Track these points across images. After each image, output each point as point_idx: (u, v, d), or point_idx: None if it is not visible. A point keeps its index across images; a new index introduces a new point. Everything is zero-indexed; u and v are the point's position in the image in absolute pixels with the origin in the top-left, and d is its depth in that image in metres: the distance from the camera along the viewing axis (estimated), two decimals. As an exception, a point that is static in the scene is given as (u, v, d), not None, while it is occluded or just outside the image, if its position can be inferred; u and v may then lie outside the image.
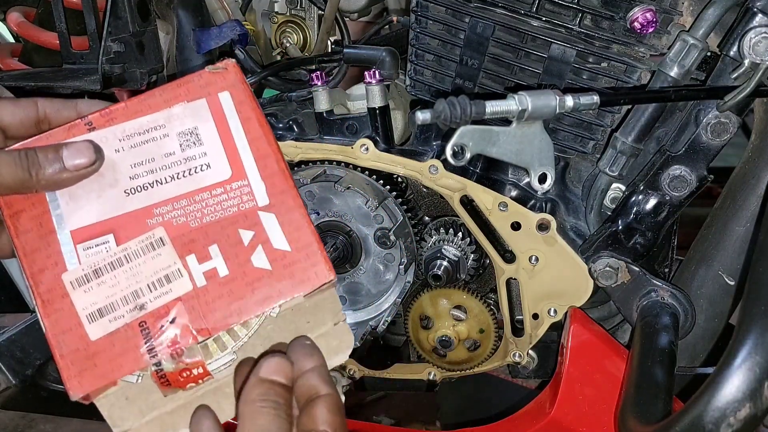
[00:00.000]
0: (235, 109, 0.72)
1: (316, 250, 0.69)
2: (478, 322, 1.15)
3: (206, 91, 0.73)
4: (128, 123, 0.71)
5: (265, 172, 0.71)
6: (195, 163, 0.71)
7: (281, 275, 0.68)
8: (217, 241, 0.68)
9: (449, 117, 0.89)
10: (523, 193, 1.09)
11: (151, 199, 0.69)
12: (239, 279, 0.67)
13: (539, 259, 1.05)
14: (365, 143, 1.07)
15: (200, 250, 0.68)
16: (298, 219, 0.70)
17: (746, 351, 0.71)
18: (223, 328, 0.67)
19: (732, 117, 0.95)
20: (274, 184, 0.70)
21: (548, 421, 1.06)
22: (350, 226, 1.10)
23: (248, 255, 0.68)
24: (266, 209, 0.70)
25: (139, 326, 0.66)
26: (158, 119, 0.72)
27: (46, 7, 1.41)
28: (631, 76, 1.00)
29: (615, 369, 1.01)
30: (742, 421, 0.71)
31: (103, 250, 0.67)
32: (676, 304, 1.00)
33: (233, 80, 0.73)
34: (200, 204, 0.69)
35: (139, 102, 0.72)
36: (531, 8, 0.99)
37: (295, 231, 0.69)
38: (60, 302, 0.66)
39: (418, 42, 1.08)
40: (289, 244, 0.69)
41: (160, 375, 0.66)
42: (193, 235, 0.68)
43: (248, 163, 0.71)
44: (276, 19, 1.46)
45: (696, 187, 0.99)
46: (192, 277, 0.67)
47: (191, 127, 0.71)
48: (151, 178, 0.70)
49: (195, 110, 0.72)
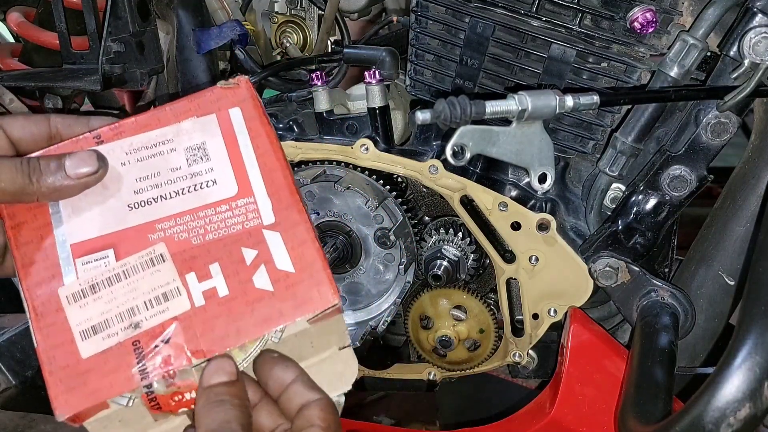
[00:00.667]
0: (245, 125, 0.71)
1: (320, 270, 0.66)
2: (478, 322, 1.15)
3: (217, 107, 0.72)
4: (136, 137, 0.70)
5: (271, 188, 0.69)
6: (201, 178, 0.69)
7: (283, 296, 0.65)
8: (218, 260, 0.66)
9: (449, 117, 0.89)
10: (523, 193, 1.09)
11: (155, 214, 0.68)
12: (239, 299, 0.65)
13: (539, 259, 1.05)
14: (365, 143, 1.07)
15: (201, 268, 0.66)
16: (304, 238, 0.68)
17: (746, 351, 0.71)
18: (220, 350, 0.64)
19: (732, 117, 0.95)
20: (280, 200, 0.69)
21: (548, 421, 1.06)
22: (350, 226, 1.10)
23: (250, 275, 0.66)
24: (271, 227, 0.68)
25: (132, 345, 0.63)
26: (167, 134, 0.71)
27: (46, 7, 1.41)
28: (631, 76, 1.00)
29: (615, 369, 1.01)
30: (742, 421, 0.71)
31: (102, 265, 0.66)
32: (676, 304, 1.00)
33: (244, 96, 0.72)
34: (204, 221, 0.68)
35: (149, 117, 0.71)
36: (531, 8, 0.99)
37: (300, 249, 0.67)
38: (54, 316, 0.65)
39: (418, 42, 1.08)
40: (293, 265, 0.66)
41: (150, 398, 0.64)
42: (194, 252, 0.67)
43: (255, 180, 0.69)
44: (276, 19, 1.46)
45: (696, 187, 0.99)
46: (191, 295, 0.65)
47: (199, 143, 0.70)
48: (156, 193, 0.68)
49: (204, 125, 0.71)
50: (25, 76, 1.22)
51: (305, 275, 0.66)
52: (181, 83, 1.24)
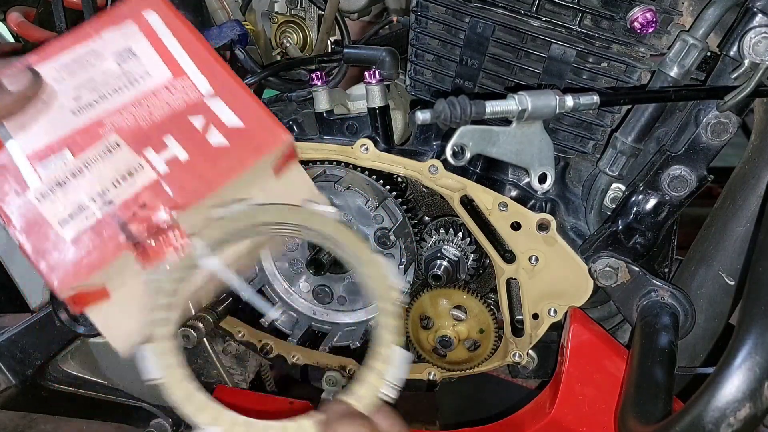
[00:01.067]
0: (163, 22, 0.78)
1: (266, 119, 0.74)
2: (478, 322, 1.15)
3: (131, 14, 0.78)
4: (63, 55, 0.75)
5: (202, 66, 0.76)
6: (134, 75, 0.75)
7: (240, 146, 0.73)
8: (171, 132, 0.73)
9: (449, 117, 0.89)
10: (523, 193, 1.09)
11: (99, 112, 0.73)
12: (200, 158, 0.72)
13: (539, 259, 1.05)
14: (365, 143, 1.07)
15: (156, 143, 0.72)
16: (243, 97, 0.75)
17: (746, 351, 0.71)
18: (195, 201, 0.71)
19: (732, 117, 0.95)
20: (213, 74, 0.76)
21: (548, 421, 1.06)
22: (350, 226, 1.10)
23: (204, 136, 0.73)
24: (211, 96, 0.75)
25: (111, 218, 0.69)
26: (92, 46, 0.76)
27: (46, 7, 1.41)
28: (631, 76, 1.00)
29: (615, 369, 1.01)
30: (742, 421, 0.71)
31: (61, 164, 0.71)
32: (676, 304, 1.00)
33: (155, 0, 0.79)
34: (147, 105, 0.74)
35: (70, 36, 0.76)
36: (531, 8, 0.99)
37: (244, 108, 0.74)
38: (31, 219, 0.69)
39: (418, 42, 1.08)
40: (241, 121, 0.74)
41: (140, 251, 0.69)
42: (146, 132, 0.73)
43: (185, 63, 0.76)
44: (276, 19, 1.46)
45: (696, 187, 0.99)
46: (153, 166, 0.71)
47: (125, 46, 0.76)
48: (96, 95, 0.74)
49: (124, 31, 0.77)
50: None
51: (254, 125, 0.74)
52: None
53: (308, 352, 1.29)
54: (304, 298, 1.23)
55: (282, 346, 1.30)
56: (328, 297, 1.20)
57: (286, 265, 1.21)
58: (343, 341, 1.22)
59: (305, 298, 1.23)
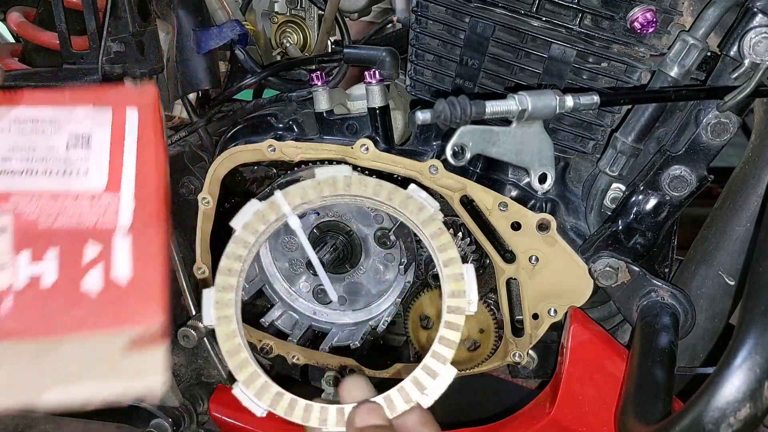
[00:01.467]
0: (138, 127, 0.72)
1: (154, 287, 0.66)
2: (478, 322, 1.15)
3: (116, 102, 0.73)
4: (27, 109, 0.72)
5: (141, 194, 0.69)
6: (75, 165, 0.70)
7: (106, 305, 0.65)
8: (59, 246, 0.67)
9: (449, 117, 0.89)
10: (523, 193, 1.09)
11: (14, 185, 0.69)
12: (62, 294, 0.65)
13: (539, 259, 1.05)
14: (365, 143, 1.07)
15: (37, 249, 0.66)
16: (152, 249, 0.67)
17: (746, 351, 0.71)
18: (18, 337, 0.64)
19: (732, 117, 0.95)
20: (144, 208, 0.69)
21: (548, 421, 1.06)
22: (350, 226, 1.11)
23: (83, 273, 0.66)
24: (124, 232, 0.68)
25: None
26: (58, 115, 0.72)
27: (46, 7, 1.41)
28: (631, 76, 1.00)
29: (615, 369, 1.01)
30: (742, 421, 0.71)
31: None
32: (676, 304, 1.00)
33: (147, 102, 0.73)
34: (60, 206, 0.68)
35: (48, 94, 0.73)
36: (531, 8, 0.99)
37: (144, 262, 0.67)
38: None
39: (418, 42, 1.08)
40: (130, 276, 0.66)
41: None
42: (38, 233, 0.67)
43: (127, 182, 0.70)
44: (276, 19, 1.46)
45: (696, 187, 0.99)
46: (15, 273, 0.66)
47: (86, 131, 0.72)
48: (24, 166, 0.69)
49: (97, 116, 0.72)
50: (25, 76, 1.22)
51: (138, 290, 0.66)
52: (180, 83, 1.24)
53: (308, 352, 1.29)
54: (304, 298, 1.23)
55: (282, 346, 1.30)
56: (328, 297, 1.20)
57: (286, 265, 1.21)
58: (343, 341, 1.22)
59: (305, 298, 1.23)
